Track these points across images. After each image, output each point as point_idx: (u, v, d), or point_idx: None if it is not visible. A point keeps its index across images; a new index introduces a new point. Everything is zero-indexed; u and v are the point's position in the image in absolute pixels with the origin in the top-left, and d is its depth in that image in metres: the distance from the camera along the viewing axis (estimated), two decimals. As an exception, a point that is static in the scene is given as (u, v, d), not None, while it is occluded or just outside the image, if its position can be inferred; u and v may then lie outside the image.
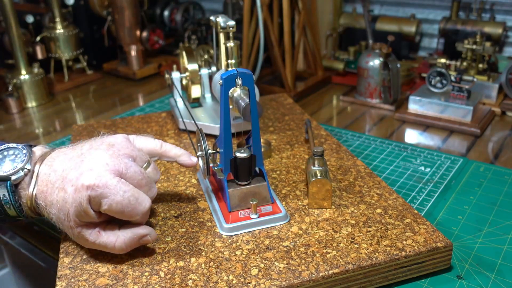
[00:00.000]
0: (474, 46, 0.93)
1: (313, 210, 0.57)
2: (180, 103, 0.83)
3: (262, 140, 0.73)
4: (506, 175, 0.70)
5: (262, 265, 0.48)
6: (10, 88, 1.04)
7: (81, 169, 0.47)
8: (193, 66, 0.79)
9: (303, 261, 0.49)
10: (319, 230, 0.53)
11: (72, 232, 0.49)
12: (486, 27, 1.07)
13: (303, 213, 0.57)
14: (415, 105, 0.90)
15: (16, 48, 1.04)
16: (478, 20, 1.10)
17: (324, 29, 1.20)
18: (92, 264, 0.50)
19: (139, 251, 0.51)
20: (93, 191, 0.45)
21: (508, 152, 0.79)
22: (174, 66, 0.82)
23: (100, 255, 0.51)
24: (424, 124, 0.89)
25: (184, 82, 0.81)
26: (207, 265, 0.49)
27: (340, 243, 0.51)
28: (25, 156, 0.49)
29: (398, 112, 0.92)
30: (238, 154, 0.55)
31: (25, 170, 0.49)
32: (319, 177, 0.56)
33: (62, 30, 1.16)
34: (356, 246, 0.50)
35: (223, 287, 0.46)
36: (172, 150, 0.56)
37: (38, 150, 0.51)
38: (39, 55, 1.14)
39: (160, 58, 1.30)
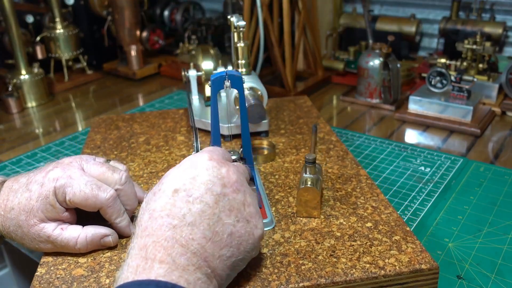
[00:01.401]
0: (474, 46, 0.93)
1: (301, 218, 0.55)
2: (195, 101, 0.83)
3: (266, 142, 0.73)
4: (506, 175, 0.70)
5: None
6: (10, 88, 1.04)
7: (46, 170, 0.50)
8: (208, 65, 0.79)
9: (275, 271, 0.47)
10: (301, 240, 0.52)
11: (33, 231, 0.49)
12: (486, 27, 1.07)
13: (290, 220, 0.55)
14: (415, 105, 0.90)
15: (16, 48, 1.04)
16: (478, 20, 1.10)
17: (324, 29, 1.20)
18: (74, 254, 0.51)
19: (122, 247, 0.52)
20: (58, 182, 0.49)
21: (508, 152, 0.79)
22: (191, 64, 0.82)
23: None
24: (424, 124, 0.89)
25: (203, 80, 0.81)
26: None
27: (319, 255, 0.49)
28: None
29: (398, 112, 0.92)
30: None
31: None
32: (308, 185, 0.54)
33: (62, 30, 1.16)
34: (334, 260, 0.48)
35: None
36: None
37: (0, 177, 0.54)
38: (39, 55, 1.14)
39: (160, 58, 1.30)
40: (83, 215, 0.53)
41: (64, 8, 1.21)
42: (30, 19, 1.19)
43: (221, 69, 0.80)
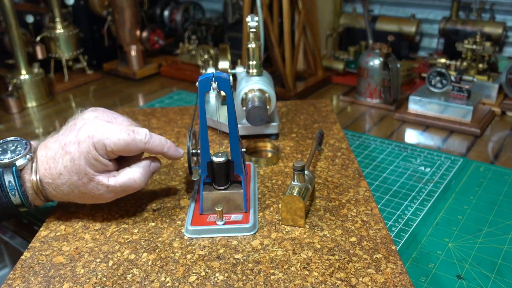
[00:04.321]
0: (474, 46, 0.93)
1: (285, 226, 0.54)
2: (212, 99, 0.83)
3: (270, 145, 0.72)
4: (506, 175, 0.70)
5: (203, 273, 0.48)
6: (10, 88, 1.04)
7: (76, 129, 0.52)
8: (224, 64, 0.78)
9: (243, 278, 0.47)
10: (279, 249, 0.51)
11: (90, 188, 0.52)
12: (486, 27, 1.07)
13: (273, 227, 0.54)
14: (415, 105, 0.90)
15: (16, 48, 1.04)
16: (478, 20, 1.10)
17: (324, 29, 1.20)
18: (61, 241, 0.53)
19: (106, 238, 0.53)
20: (94, 138, 0.51)
21: (508, 152, 0.79)
22: (210, 62, 0.82)
23: (72, 234, 0.54)
24: (424, 124, 0.89)
25: None
26: (154, 263, 0.49)
27: (291, 267, 0.48)
28: (26, 145, 0.53)
29: (398, 112, 0.92)
30: (215, 158, 0.54)
31: (28, 156, 0.52)
32: (294, 194, 0.53)
33: (62, 30, 1.16)
34: (306, 273, 0.47)
35: (156, 287, 0.46)
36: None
37: (34, 143, 0.55)
38: (39, 55, 1.14)
39: (160, 58, 1.30)
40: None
41: (64, 8, 1.21)
42: (30, 19, 1.19)
43: (240, 69, 0.80)
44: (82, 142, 0.51)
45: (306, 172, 0.56)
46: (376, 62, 0.95)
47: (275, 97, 0.71)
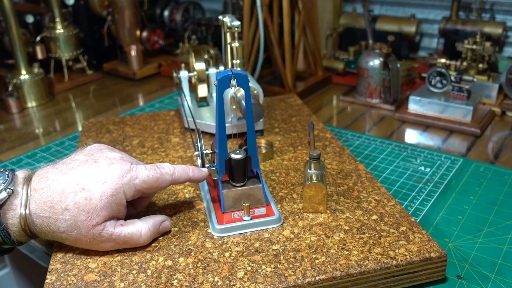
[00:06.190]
0: (474, 46, 0.93)
1: (308, 214, 0.56)
2: (188, 101, 0.83)
3: (264, 141, 0.73)
4: (506, 175, 0.70)
5: (249, 268, 0.48)
6: (10, 88, 1.04)
7: (101, 166, 0.49)
8: (200, 66, 0.79)
9: (290, 266, 0.48)
10: (311, 235, 0.52)
11: (94, 231, 0.48)
12: (486, 27, 1.07)
13: (297, 216, 0.56)
14: (415, 105, 0.90)
15: (16, 48, 1.04)
16: (478, 20, 1.10)
17: (324, 29, 1.20)
18: (83, 259, 0.50)
19: (129, 249, 0.52)
20: (124, 178, 0.49)
21: (508, 152, 0.79)
22: (183, 65, 0.82)
23: (91, 251, 0.51)
24: (424, 124, 0.89)
25: (193, 81, 0.82)
26: (195, 266, 0.49)
27: (330, 249, 0.50)
28: (7, 177, 0.48)
29: (398, 112, 0.92)
30: (233, 156, 0.55)
31: (8, 190, 0.47)
32: (314, 181, 0.55)
33: (62, 30, 1.16)
34: (346, 252, 0.49)
35: None
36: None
37: (21, 173, 0.50)
38: (39, 55, 1.14)
39: (160, 58, 1.30)
40: None
41: (64, 8, 1.21)
42: (30, 19, 1.19)
43: (213, 70, 0.80)
44: (109, 182, 0.48)
45: None
46: (376, 62, 0.95)
47: (262, 94, 0.72)
